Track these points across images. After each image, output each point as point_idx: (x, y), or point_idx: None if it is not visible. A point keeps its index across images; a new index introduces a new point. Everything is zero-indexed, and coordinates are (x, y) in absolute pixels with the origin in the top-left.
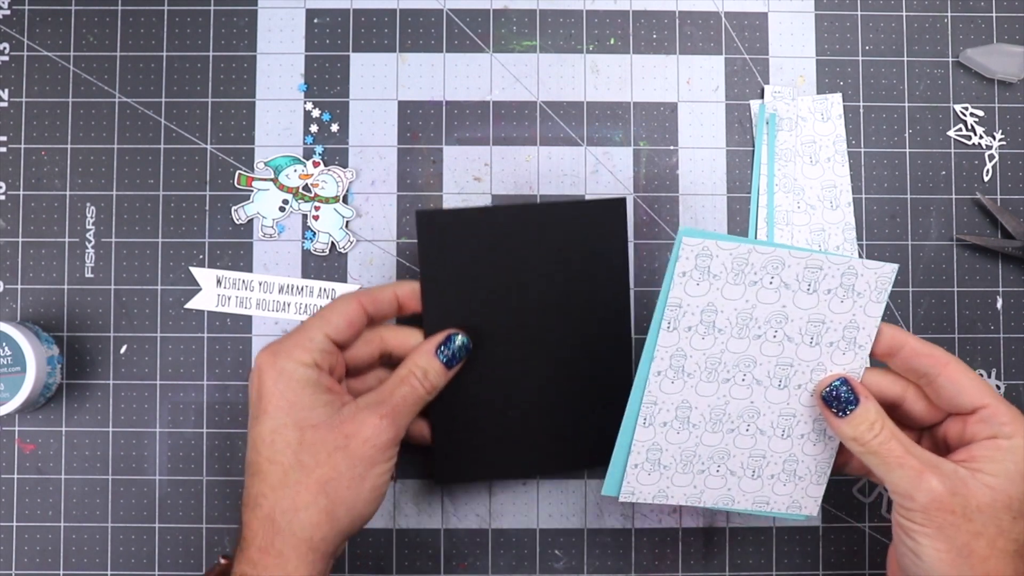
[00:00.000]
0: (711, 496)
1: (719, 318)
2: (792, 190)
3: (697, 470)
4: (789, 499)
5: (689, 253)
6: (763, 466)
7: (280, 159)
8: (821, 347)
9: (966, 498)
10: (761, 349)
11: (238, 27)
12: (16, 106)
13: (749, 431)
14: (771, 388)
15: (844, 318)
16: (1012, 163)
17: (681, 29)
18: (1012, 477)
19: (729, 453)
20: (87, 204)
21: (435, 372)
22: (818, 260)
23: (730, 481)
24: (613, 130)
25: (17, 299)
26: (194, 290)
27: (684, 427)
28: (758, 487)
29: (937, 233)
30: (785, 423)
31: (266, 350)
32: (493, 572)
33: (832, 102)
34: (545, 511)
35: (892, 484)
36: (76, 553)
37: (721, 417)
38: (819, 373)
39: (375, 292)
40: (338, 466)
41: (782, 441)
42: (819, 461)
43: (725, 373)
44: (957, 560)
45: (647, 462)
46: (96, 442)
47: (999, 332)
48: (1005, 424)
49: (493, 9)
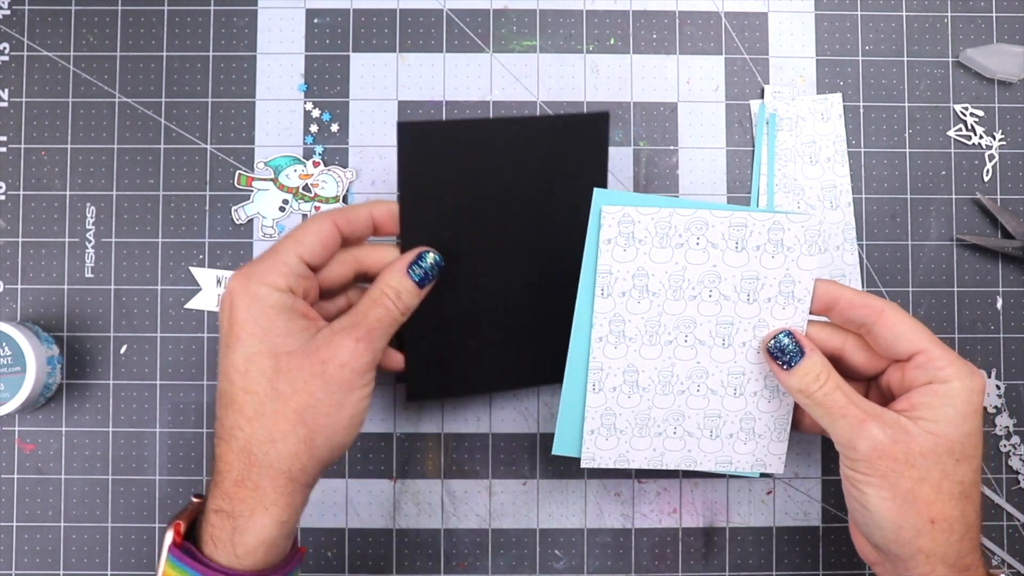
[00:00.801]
0: (673, 458)
1: (651, 281)
2: (792, 190)
3: (654, 433)
4: (752, 457)
5: (611, 221)
6: (720, 426)
7: (280, 159)
8: (759, 303)
9: (908, 445)
10: (699, 309)
11: (238, 27)
12: (16, 106)
13: (700, 391)
14: (715, 347)
15: (778, 273)
16: (1012, 163)
17: (681, 29)
18: (952, 421)
19: (684, 414)
20: (87, 204)
21: (408, 291)
22: (741, 217)
23: (689, 442)
24: (613, 130)
25: (17, 299)
26: (194, 290)
27: (634, 391)
28: (718, 447)
29: (937, 233)
30: (735, 381)
31: (238, 274)
32: (493, 572)
33: (832, 102)
34: (545, 511)
35: (836, 435)
36: (76, 553)
37: (670, 379)
38: (761, 329)
39: (350, 212)
40: (316, 393)
41: (735, 400)
42: (776, 418)
43: (666, 335)
44: (903, 506)
45: (603, 427)
46: (96, 442)
47: (999, 332)
48: (941, 368)
49: (493, 9)
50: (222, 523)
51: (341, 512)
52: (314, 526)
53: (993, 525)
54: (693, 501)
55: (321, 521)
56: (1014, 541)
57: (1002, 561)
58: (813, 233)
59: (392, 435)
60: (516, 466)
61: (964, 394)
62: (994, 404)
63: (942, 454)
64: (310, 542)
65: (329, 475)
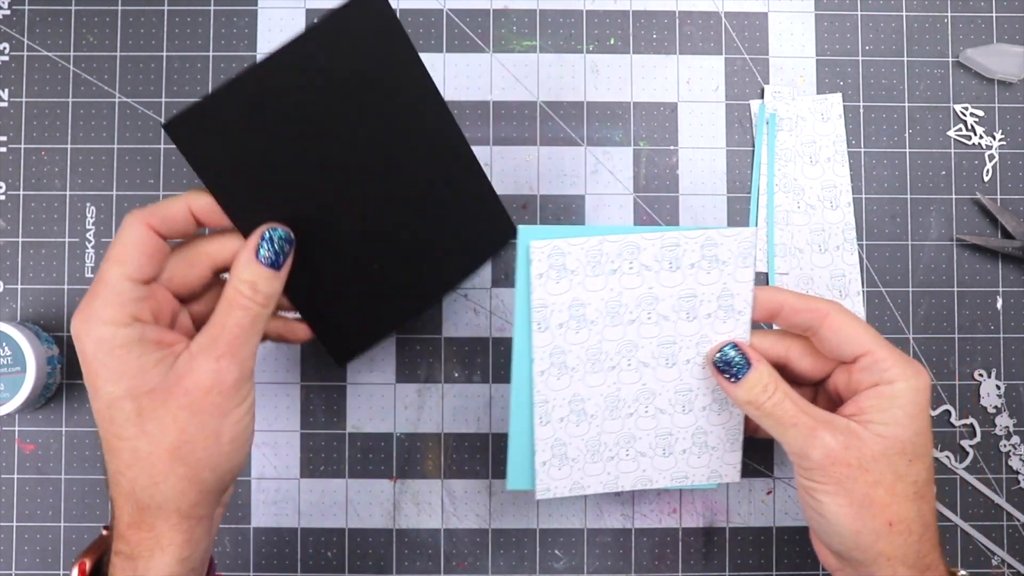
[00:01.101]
0: (628, 480)
1: (588, 311)
2: (792, 190)
3: (607, 457)
4: (707, 469)
5: (541, 255)
6: (672, 443)
7: None
8: (699, 320)
9: (860, 450)
10: (639, 332)
11: (238, 27)
12: (16, 106)
13: (648, 412)
14: (660, 368)
15: (715, 288)
16: (1012, 163)
17: (681, 29)
18: (900, 422)
19: (634, 436)
20: (87, 204)
21: (264, 279)
22: (673, 238)
23: (642, 463)
24: (613, 130)
25: (17, 299)
26: None
27: (582, 419)
28: (672, 464)
29: (937, 233)
30: (683, 399)
31: (77, 316)
32: (493, 572)
33: (832, 102)
34: (545, 511)
35: (788, 445)
36: (76, 553)
37: (616, 404)
38: (704, 346)
39: (163, 209)
40: (187, 428)
41: (685, 416)
42: (728, 429)
43: (609, 362)
44: (860, 511)
45: (554, 458)
46: (96, 442)
47: (999, 332)
48: (886, 370)
49: (493, 9)
50: (123, 565)
51: (341, 512)
52: (314, 526)
53: (993, 525)
54: (693, 501)
55: (321, 521)
56: (1014, 541)
57: (1002, 561)
58: (747, 245)
59: (392, 435)
60: None
61: (910, 394)
62: (994, 404)
63: (894, 456)
64: (310, 542)
65: (329, 475)
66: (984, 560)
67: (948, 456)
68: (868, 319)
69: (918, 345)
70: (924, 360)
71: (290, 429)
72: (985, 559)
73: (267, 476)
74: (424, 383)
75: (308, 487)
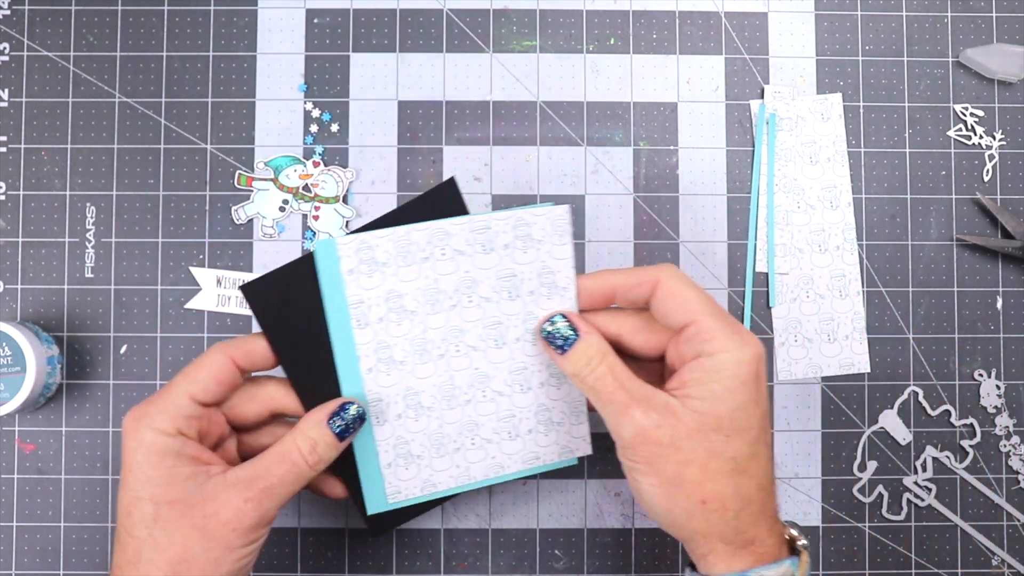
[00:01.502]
0: (479, 470)
1: (407, 301)
2: (792, 190)
3: (452, 449)
4: (557, 447)
5: (349, 251)
6: (516, 425)
7: (280, 159)
8: (523, 298)
9: (675, 428)
10: (463, 316)
11: (238, 27)
12: (16, 106)
13: (486, 396)
14: (490, 350)
15: (534, 267)
16: (1012, 163)
17: (681, 29)
18: (719, 396)
19: (476, 423)
20: (87, 204)
21: (325, 444)
22: (482, 221)
23: (491, 450)
24: (613, 130)
25: (17, 299)
26: (194, 290)
27: (420, 413)
28: (521, 446)
29: (937, 233)
30: (519, 378)
31: (132, 413)
32: (493, 572)
33: (832, 102)
34: (545, 511)
35: (606, 421)
36: (76, 553)
37: (452, 392)
38: (531, 323)
39: (247, 343)
40: (192, 548)
41: (524, 396)
42: (570, 402)
43: (437, 350)
44: (671, 491)
45: (398, 458)
46: (96, 442)
47: (999, 332)
48: (708, 340)
49: (493, 9)
50: None
51: (341, 512)
52: (314, 526)
53: (993, 525)
54: None
55: (321, 521)
56: (1014, 541)
57: (1002, 561)
58: (561, 223)
59: None
60: None
61: (732, 367)
62: (994, 404)
63: (709, 432)
64: (310, 542)
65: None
66: (984, 560)
67: (948, 456)
68: (868, 319)
69: (918, 345)
70: (924, 360)
71: None
72: (985, 559)
73: None
74: None
75: None
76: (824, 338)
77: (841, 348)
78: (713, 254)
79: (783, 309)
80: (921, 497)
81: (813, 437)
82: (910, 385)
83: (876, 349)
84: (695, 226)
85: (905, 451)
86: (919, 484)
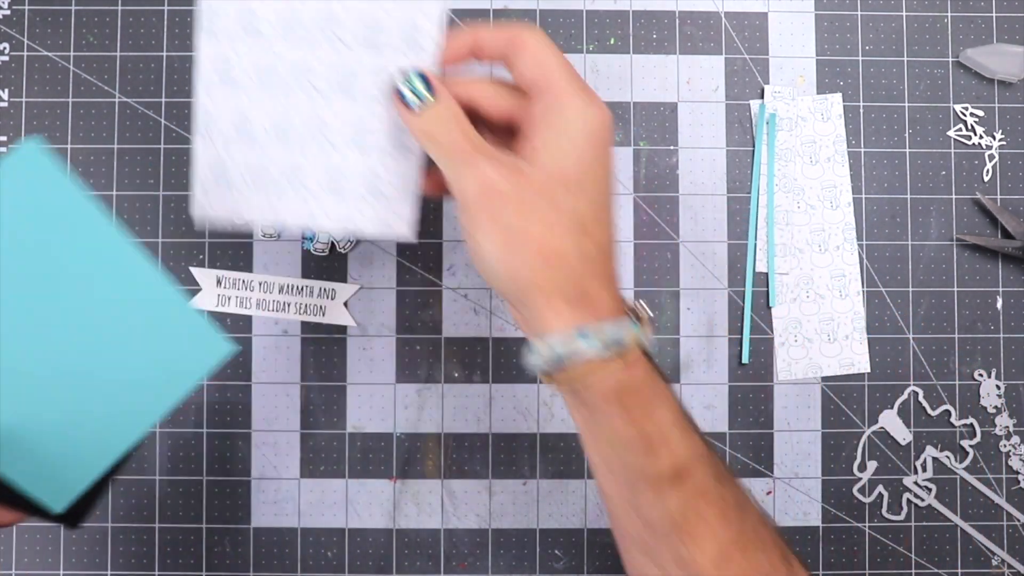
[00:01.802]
0: (292, 217)
1: (261, 24)
2: (792, 190)
3: (272, 189)
4: (377, 219)
5: None
6: (343, 184)
7: None
8: (381, 51)
9: (519, 182)
10: (316, 55)
11: None
12: (16, 106)
13: (320, 147)
14: (336, 97)
15: (400, 19)
16: (1012, 163)
17: (681, 29)
18: (567, 153)
19: (303, 170)
20: None
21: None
22: None
23: (311, 202)
24: (614, 130)
25: None
26: (194, 290)
27: (248, 143)
28: (342, 208)
29: (937, 233)
30: (359, 138)
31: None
32: (493, 572)
33: (832, 102)
34: (545, 511)
35: (449, 178)
36: (76, 553)
37: (287, 130)
38: (386, 81)
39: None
40: None
41: (359, 157)
42: (404, 177)
43: (280, 84)
44: (512, 245)
45: (216, 179)
46: None
47: (999, 332)
48: (560, 102)
49: (493, 9)
50: None
51: (341, 512)
52: (314, 526)
53: (993, 525)
54: None
55: (321, 521)
56: (1014, 541)
57: (1002, 561)
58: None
59: (392, 435)
60: (516, 466)
61: (579, 123)
62: (994, 404)
63: (555, 187)
64: (310, 542)
65: (329, 475)
66: (984, 560)
67: (948, 456)
68: (868, 319)
69: (918, 345)
70: (924, 360)
71: (290, 429)
72: (985, 559)
73: (267, 476)
74: (424, 383)
75: (308, 487)
76: (824, 338)
77: (841, 348)
78: (713, 254)
79: (783, 309)
80: (921, 497)
81: (813, 437)
82: (910, 385)
83: (876, 349)
84: (695, 226)
85: (905, 451)
86: (919, 484)
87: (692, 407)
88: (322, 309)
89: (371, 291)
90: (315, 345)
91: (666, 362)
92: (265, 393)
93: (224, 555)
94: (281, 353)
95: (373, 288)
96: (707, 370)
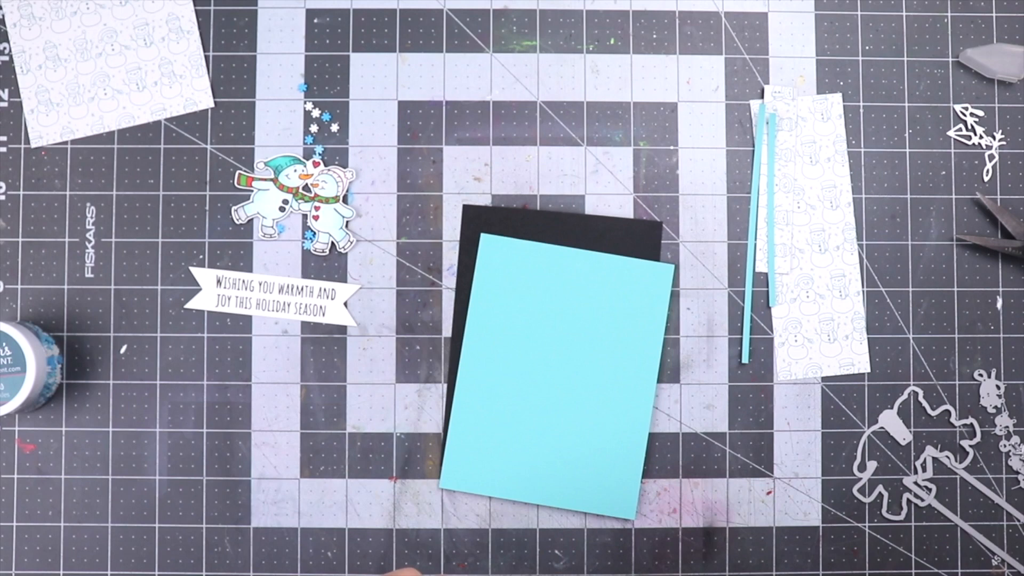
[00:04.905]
0: (113, 119)
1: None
2: (792, 190)
3: (88, 99)
4: (182, 99)
5: None
6: (143, 77)
7: (280, 159)
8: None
9: None
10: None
11: (238, 27)
12: (16, 106)
13: (114, 50)
14: (116, 9)
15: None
16: (1012, 163)
17: (681, 29)
18: None
19: (108, 76)
20: (87, 204)
21: None
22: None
23: (121, 100)
24: (613, 130)
25: (17, 299)
26: (194, 290)
27: (57, 64)
28: (148, 98)
29: (937, 233)
30: (143, 33)
31: None
32: (493, 572)
33: (832, 102)
34: (545, 511)
35: None
36: (76, 553)
37: (85, 46)
38: None
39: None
40: None
41: (147, 50)
42: (190, 56)
43: (70, 7)
44: None
45: (40, 104)
46: (96, 442)
47: (999, 332)
48: None
49: (493, 9)
50: None
51: (341, 512)
52: (314, 526)
53: (993, 525)
54: (693, 501)
55: (321, 521)
56: (1014, 541)
57: (1002, 561)
58: None
59: (392, 435)
60: None
61: None
62: (994, 404)
63: None
64: (310, 542)
65: (329, 475)
66: (984, 560)
67: (948, 456)
68: (868, 319)
69: (918, 345)
70: (924, 360)
71: (290, 429)
72: (985, 559)
73: (267, 476)
74: (424, 383)
75: (308, 487)
76: (824, 338)
77: (841, 348)
78: (713, 254)
79: (783, 309)
80: (921, 497)
81: (813, 437)
82: (910, 385)
83: (876, 349)
84: (695, 226)
85: (905, 451)
86: (919, 484)
87: (692, 407)
88: (322, 309)
89: (371, 291)
90: (315, 345)
91: (666, 362)
92: (265, 393)
93: (224, 555)
94: (281, 353)
95: (373, 288)
96: (707, 370)
